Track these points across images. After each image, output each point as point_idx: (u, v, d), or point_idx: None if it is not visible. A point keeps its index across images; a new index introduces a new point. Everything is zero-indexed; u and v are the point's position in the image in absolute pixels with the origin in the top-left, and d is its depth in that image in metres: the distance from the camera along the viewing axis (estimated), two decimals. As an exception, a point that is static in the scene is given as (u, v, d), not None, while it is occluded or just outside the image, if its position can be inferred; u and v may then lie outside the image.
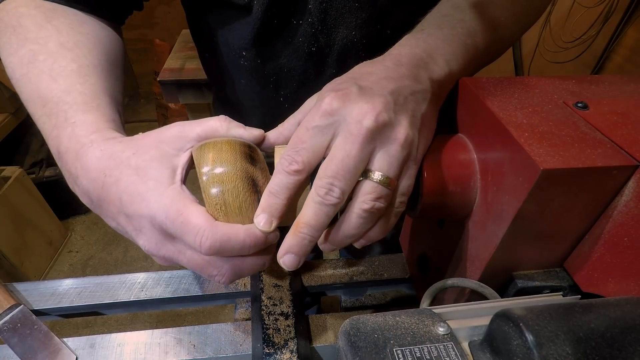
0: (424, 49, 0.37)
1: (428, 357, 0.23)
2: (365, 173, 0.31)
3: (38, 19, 0.40)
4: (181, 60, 1.48)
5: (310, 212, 0.30)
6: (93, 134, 0.34)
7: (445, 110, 0.44)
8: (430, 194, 0.38)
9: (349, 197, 0.32)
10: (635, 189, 0.30)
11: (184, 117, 1.63)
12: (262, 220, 0.30)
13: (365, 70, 0.35)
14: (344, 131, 0.30)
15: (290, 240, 0.31)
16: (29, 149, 1.89)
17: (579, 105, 0.36)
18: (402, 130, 0.32)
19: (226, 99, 0.65)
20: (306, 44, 0.52)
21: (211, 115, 0.74)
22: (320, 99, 0.32)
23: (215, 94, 0.72)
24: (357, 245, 0.34)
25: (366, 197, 0.31)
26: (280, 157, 0.32)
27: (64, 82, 0.36)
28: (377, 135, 0.31)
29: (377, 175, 0.31)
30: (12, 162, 1.77)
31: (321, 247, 0.34)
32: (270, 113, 0.60)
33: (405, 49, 0.37)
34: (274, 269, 0.54)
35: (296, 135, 0.32)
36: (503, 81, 0.39)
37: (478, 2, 0.42)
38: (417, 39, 0.38)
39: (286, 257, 0.31)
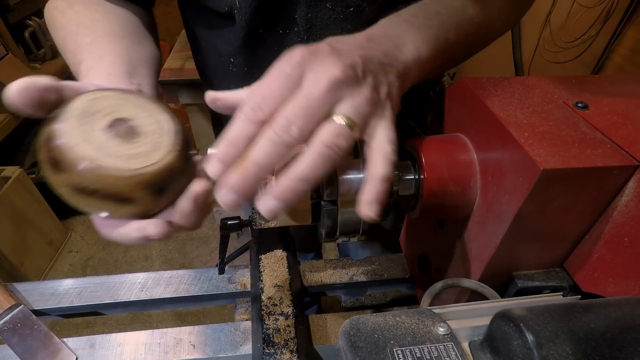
0: (396, 33, 0.38)
1: (428, 357, 0.23)
2: (328, 117, 0.29)
3: (62, 8, 0.46)
4: (181, 60, 1.48)
5: (260, 149, 0.27)
6: None
7: (445, 110, 0.44)
8: (431, 194, 0.38)
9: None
10: (635, 189, 0.30)
11: (183, 117, 1.63)
12: (214, 168, 0.28)
13: (337, 39, 0.34)
14: (310, 78, 0.29)
15: (233, 177, 0.27)
16: (29, 149, 1.88)
17: (579, 105, 0.36)
18: (368, 88, 0.31)
19: None
20: None
21: (210, 115, 0.74)
22: (289, 52, 0.30)
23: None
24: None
25: (326, 133, 0.28)
26: (243, 104, 0.29)
27: (79, 56, 0.41)
28: (343, 86, 0.30)
29: (340, 117, 0.29)
30: (12, 162, 1.76)
31: (261, 200, 0.28)
32: None
33: (378, 29, 0.38)
34: (274, 269, 0.54)
35: (263, 83, 0.30)
36: (503, 81, 0.39)
37: None
38: (391, 22, 0.39)
39: (225, 194, 0.27)
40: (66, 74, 2.10)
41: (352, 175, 0.34)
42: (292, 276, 0.53)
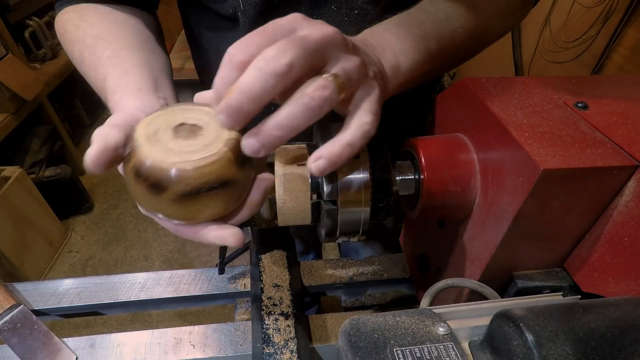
0: (377, 42, 0.38)
1: (428, 357, 0.23)
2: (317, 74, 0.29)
3: (74, 21, 0.46)
4: (181, 60, 1.48)
5: (246, 77, 0.27)
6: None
7: (445, 110, 0.44)
8: (430, 194, 0.38)
9: None
10: (635, 189, 0.30)
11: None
12: (225, 120, 0.28)
13: None
14: (304, 30, 0.29)
15: (222, 103, 0.28)
16: (29, 149, 1.89)
17: (579, 105, 0.36)
18: (358, 59, 0.31)
19: None
20: None
21: None
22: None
23: None
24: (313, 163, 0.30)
25: (312, 85, 0.28)
26: (259, 55, 0.27)
27: (101, 70, 0.41)
28: (335, 46, 0.29)
29: (329, 74, 0.29)
30: (12, 162, 1.76)
31: (243, 142, 0.29)
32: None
33: (359, 37, 0.38)
34: (274, 269, 0.54)
35: (253, 31, 0.29)
36: (503, 81, 0.39)
37: (442, 10, 0.43)
38: (373, 31, 0.39)
39: (219, 117, 0.28)
40: (67, 74, 2.11)
41: (352, 175, 0.34)
42: (292, 276, 0.53)
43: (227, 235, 0.30)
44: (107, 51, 0.42)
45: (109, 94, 0.38)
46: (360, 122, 0.31)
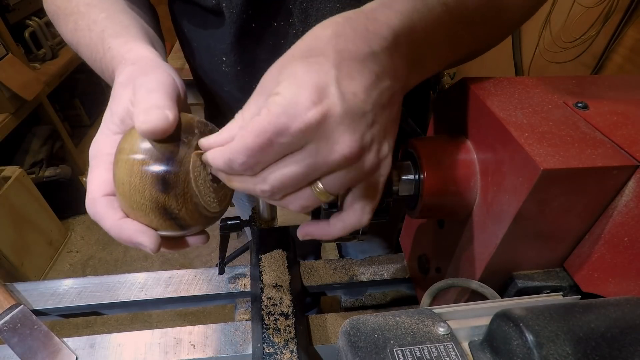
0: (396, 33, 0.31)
1: (428, 357, 0.23)
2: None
3: None
4: (181, 60, 1.48)
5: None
6: (125, 53, 0.37)
7: (445, 110, 0.44)
8: (430, 194, 0.38)
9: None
10: (635, 189, 0.30)
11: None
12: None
13: (342, 47, 0.28)
14: (313, 155, 0.26)
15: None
16: (29, 149, 1.88)
17: (579, 105, 0.36)
18: (369, 161, 0.28)
19: (214, 107, 0.65)
20: (287, 46, 0.47)
21: (206, 116, 0.72)
22: (296, 100, 0.25)
23: (204, 102, 0.71)
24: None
25: (300, 201, 0.29)
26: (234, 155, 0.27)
27: (97, 27, 0.41)
28: (347, 165, 0.27)
29: (320, 189, 0.28)
30: (12, 162, 1.76)
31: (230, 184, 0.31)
32: None
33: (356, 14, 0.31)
34: (274, 269, 0.54)
35: (255, 142, 0.25)
36: (503, 81, 0.39)
37: None
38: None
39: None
40: (67, 74, 2.10)
41: None
42: (292, 276, 0.53)
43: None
44: (102, 14, 0.42)
45: (110, 39, 0.38)
46: (352, 224, 0.32)
